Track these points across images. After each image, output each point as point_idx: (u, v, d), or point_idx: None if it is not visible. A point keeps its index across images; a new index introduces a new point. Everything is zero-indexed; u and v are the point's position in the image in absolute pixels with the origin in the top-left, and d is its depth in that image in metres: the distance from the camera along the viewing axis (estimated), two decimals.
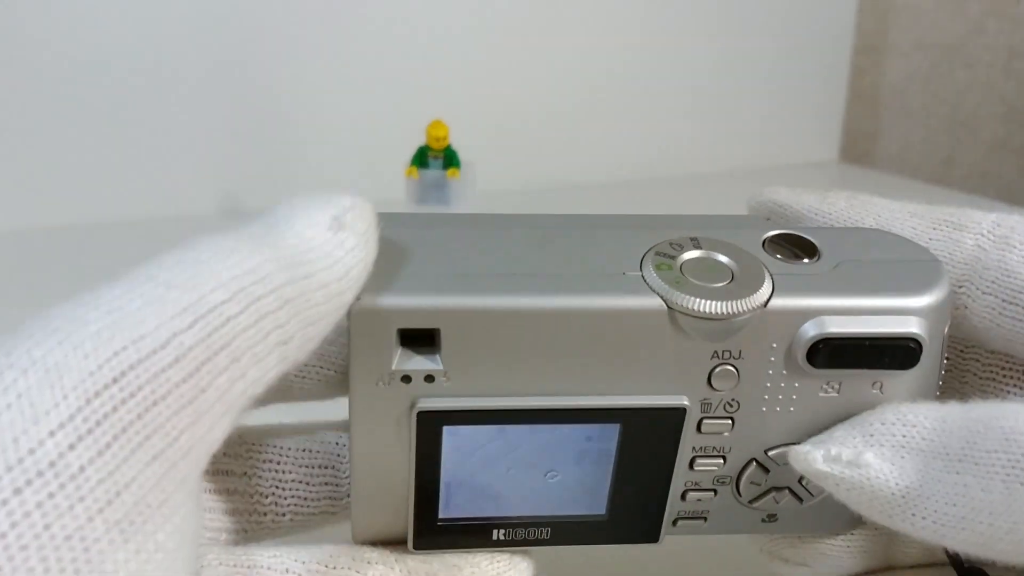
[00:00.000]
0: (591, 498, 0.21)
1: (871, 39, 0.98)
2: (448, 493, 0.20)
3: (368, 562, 0.20)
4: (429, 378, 0.18)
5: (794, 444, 0.20)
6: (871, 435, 0.19)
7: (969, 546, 0.18)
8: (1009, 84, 0.94)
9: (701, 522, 0.21)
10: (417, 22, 0.75)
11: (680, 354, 0.19)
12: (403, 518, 0.20)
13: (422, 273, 0.18)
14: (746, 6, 0.88)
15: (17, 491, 0.13)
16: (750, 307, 0.18)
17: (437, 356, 0.18)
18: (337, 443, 0.21)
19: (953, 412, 0.18)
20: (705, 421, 0.20)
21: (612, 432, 0.20)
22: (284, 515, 0.21)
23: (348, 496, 0.21)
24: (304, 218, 0.17)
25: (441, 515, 0.20)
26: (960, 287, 0.21)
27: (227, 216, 0.71)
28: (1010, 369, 0.22)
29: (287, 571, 0.19)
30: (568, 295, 0.18)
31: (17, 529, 0.13)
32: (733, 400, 0.20)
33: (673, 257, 0.19)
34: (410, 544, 0.20)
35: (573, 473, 0.20)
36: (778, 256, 0.20)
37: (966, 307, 0.21)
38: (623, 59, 0.83)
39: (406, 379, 0.18)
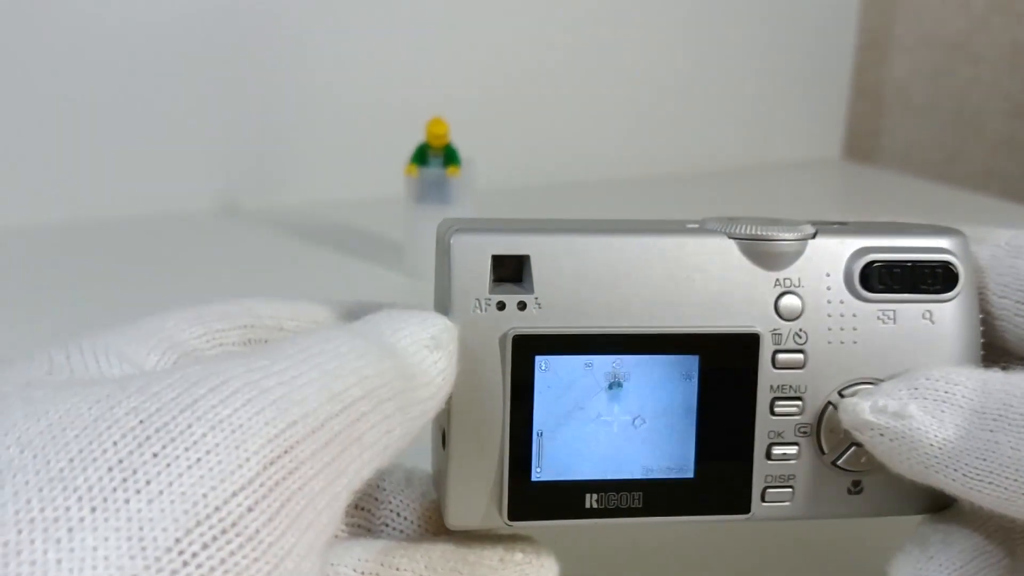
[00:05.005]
0: (679, 453, 0.22)
1: (874, 35, 0.98)
2: (541, 447, 0.21)
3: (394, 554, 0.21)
4: (522, 305, 0.21)
5: (864, 383, 0.22)
6: (916, 388, 0.20)
7: (995, 501, 0.19)
8: (1014, 81, 0.94)
9: (789, 491, 0.22)
10: (416, 19, 0.74)
11: (746, 282, 0.21)
12: (498, 493, 0.21)
13: (510, 221, 0.22)
14: (749, 1, 0.87)
15: (205, 546, 0.14)
16: (800, 235, 0.22)
17: (528, 284, 0.21)
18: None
19: (995, 377, 0.20)
20: (779, 355, 0.22)
21: (693, 367, 0.21)
22: None
23: (381, 522, 0.22)
24: (409, 335, 0.19)
25: (534, 477, 0.21)
26: (979, 295, 0.22)
27: (225, 214, 0.71)
28: None
29: None
30: (641, 234, 0.21)
31: None
32: (801, 331, 0.22)
33: (728, 217, 0.22)
34: (505, 515, 0.21)
35: (659, 418, 0.21)
36: (814, 224, 0.23)
37: (988, 314, 0.22)
38: (624, 56, 0.83)
39: (500, 305, 0.20)
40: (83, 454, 0.14)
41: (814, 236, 0.22)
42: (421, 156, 0.55)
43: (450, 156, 0.55)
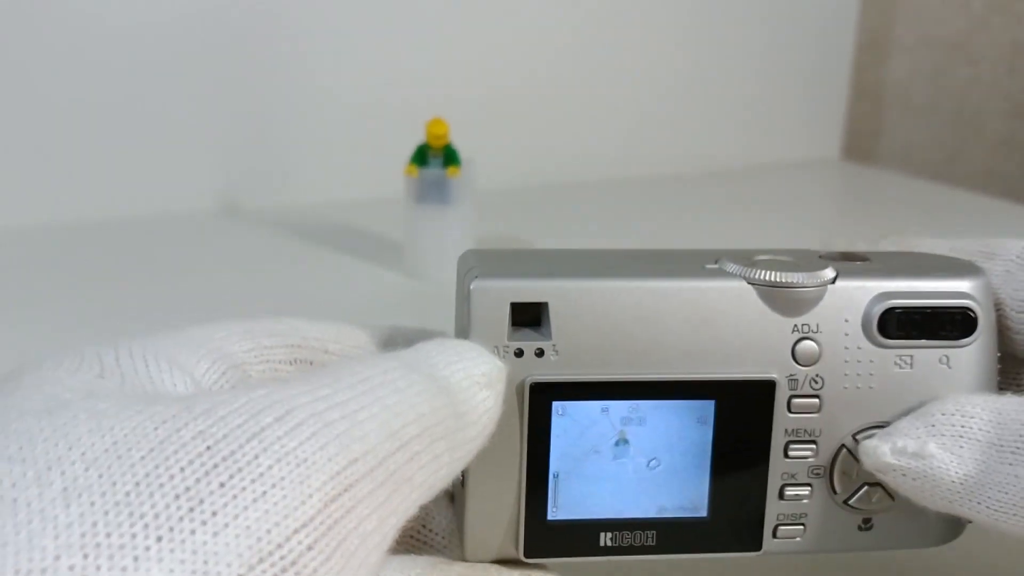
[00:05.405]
0: (693, 493, 0.22)
1: (874, 35, 0.98)
2: (556, 488, 0.21)
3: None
4: (539, 352, 0.21)
5: (878, 427, 0.22)
6: (933, 425, 0.20)
7: (1021, 530, 0.20)
8: (1014, 81, 0.94)
9: (800, 528, 0.22)
10: (416, 19, 0.74)
11: (764, 328, 0.21)
12: (514, 530, 0.21)
13: (529, 265, 0.22)
14: (749, 1, 0.87)
15: None
16: (820, 281, 0.21)
17: (546, 330, 0.21)
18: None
19: (1009, 405, 0.20)
20: (794, 400, 0.22)
21: (708, 412, 0.21)
22: None
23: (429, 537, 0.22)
24: (463, 370, 0.19)
25: (550, 516, 0.21)
26: (997, 309, 0.22)
27: (225, 214, 0.71)
28: None
29: None
30: (659, 278, 0.21)
31: None
32: (818, 376, 0.22)
33: (745, 257, 0.22)
34: (521, 551, 0.21)
35: (674, 461, 0.22)
36: (834, 261, 0.23)
37: (1007, 328, 0.22)
38: (624, 56, 0.83)
39: (519, 353, 0.21)
40: (149, 478, 0.14)
41: (833, 281, 0.22)
42: (421, 156, 0.55)
43: (450, 156, 0.55)
